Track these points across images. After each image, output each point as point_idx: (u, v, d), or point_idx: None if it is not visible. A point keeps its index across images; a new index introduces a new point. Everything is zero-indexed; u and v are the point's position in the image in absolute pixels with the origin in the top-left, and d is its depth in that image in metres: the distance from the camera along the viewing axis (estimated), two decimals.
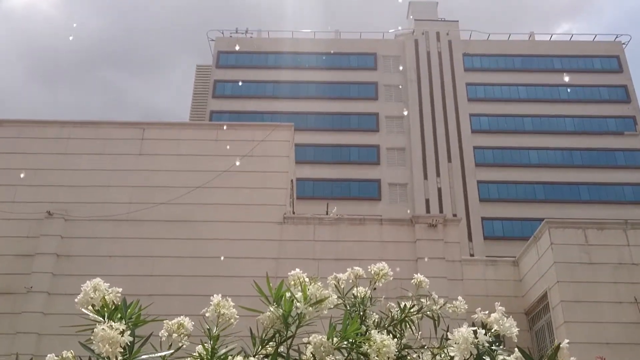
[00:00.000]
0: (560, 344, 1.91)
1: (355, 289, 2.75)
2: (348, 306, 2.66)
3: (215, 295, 2.21)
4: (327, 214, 17.57)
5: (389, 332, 2.48)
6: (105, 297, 1.96)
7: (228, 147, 15.58)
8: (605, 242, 14.36)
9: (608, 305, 13.50)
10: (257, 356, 2.09)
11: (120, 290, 2.01)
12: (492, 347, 1.98)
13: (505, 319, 2.05)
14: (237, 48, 44.18)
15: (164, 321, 2.14)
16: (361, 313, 2.65)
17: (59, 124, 16.39)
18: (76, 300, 1.98)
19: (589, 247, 14.27)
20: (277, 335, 2.10)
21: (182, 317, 2.16)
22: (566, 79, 43.54)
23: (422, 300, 2.74)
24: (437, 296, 2.74)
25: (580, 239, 14.42)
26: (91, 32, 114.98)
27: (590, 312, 13.41)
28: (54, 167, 15.28)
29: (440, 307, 2.72)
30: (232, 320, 2.22)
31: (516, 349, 1.91)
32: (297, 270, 2.16)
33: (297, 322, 2.00)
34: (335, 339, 2.10)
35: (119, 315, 1.93)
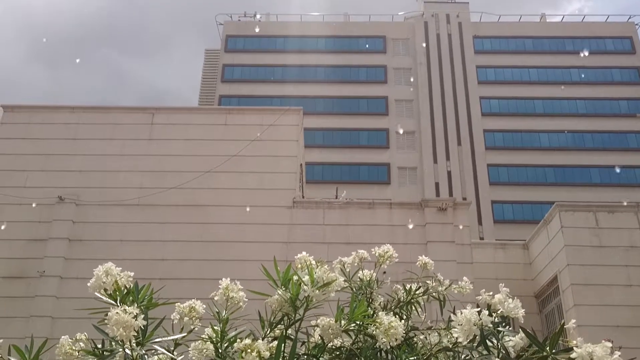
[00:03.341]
0: (563, 323, 1.92)
1: (361, 272, 2.78)
2: (354, 289, 2.68)
3: (224, 279, 2.24)
4: (336, 198, 17.60)
5: (395, 314, 2.50)
6: (117, 281, 1.99)
7: (237, 131, 15.60)
8: (616, 225, 14.29)
9: (618, 288, 13.48)
10: (266, 339, 2.13)
11: (132, 274, 2.04)
12: (498, 329, 2.00)
13: (509, 300, 2.07)
14: (245, 32, 44.01)
15: (176, 304, 2.17)
16: (368, 296, 2.67)
17: (68, 109, 16.47)
18: (89, 284, 2.02)
19: (599, 230, 14.21)
20: (286, 318, 2.13)
21: (193, 300, 2.19)
22: (578, 60, 43.04)
23: (428, 282, 2.76)
24: (442, 277, 2.77)
25: (590, 222, 14.36)
26: (94, 11, 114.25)
27: (601, 295, 13.39)
28: (64, 152, 15.38)
29: (446, 288, 2.75)
30: (240, 303, 2.25)
31: (520, 330, 1.93)
32: (304, 253, 2.19)
33: (305, 305, 2.03)
34: (342, 322, 2.13)
35: (131, 299, 1.96)
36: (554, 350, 1.78)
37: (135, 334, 1.80)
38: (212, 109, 25.89)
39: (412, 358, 2.40)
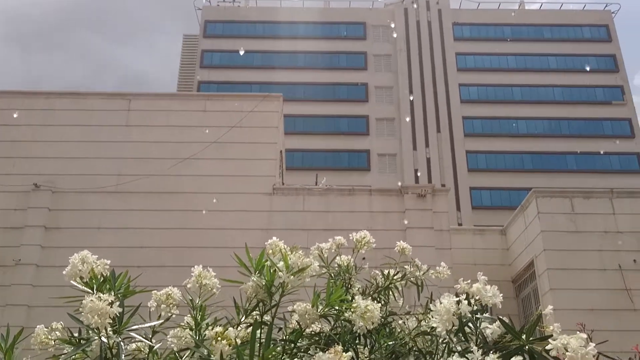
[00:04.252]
0: (540, 312, 1.95)
1: (339, 257, 2.79)
2: (332, 275, 2.70)
3: (196, 266, 2.24)
4: (316, 184, 17.61)
5: (373, 299, 2.52)
6: (94, 268, 1.97)
7: (216, 118, 15.49)
8: (591, 211, 14.53)
9: (593, 272, 13.74)
10: (241, 325, 2.13)
11: (108, 262, 2.02)
12: (476, 316, 2.02)
13: (488, 288, 2.09)
14: (224, 17, 43.55)
15: (153, 292, 2.16)
16: (346, 282, 2.69)
17: (44, 95, 16.18)
18: (64, 272, 1.99)
19: (575, 215, 14.44)
20: (261, 304, 2.13)
21: (170, 287, 2.19)
22: (556, 47, 43.44)
23: (406, 267, 2.78)
24: (420, 263, 2.79)
25: (567, 208, 14.58)
26: None
27: (576, 279, 13.64)
28: (40, 138, 15.14)
29: (424, 273, 2.77)
30: (214, 290, 2.25)
31: (497, 318, 1.95)
32: (275, 238, 2.19)
33: (281, 290, 2.03)
34: (319, 307, 2.14)
35: (108, 287, 1.95)
36: (530, 338, 1.80)
37: (111, 322, 1.79)
38: (190, 95, 25.66)
39: (391, 342, 2.42)
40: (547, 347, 1.75)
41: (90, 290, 1.91)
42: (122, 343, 1.87)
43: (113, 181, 14.57)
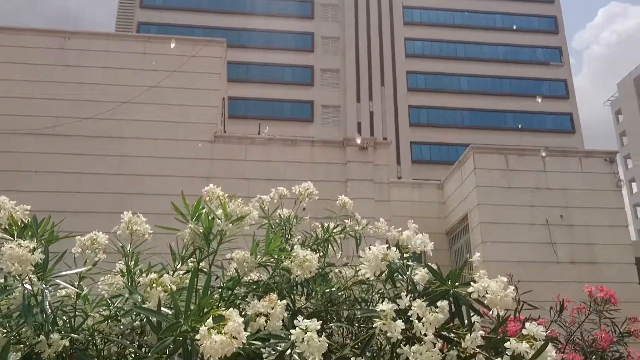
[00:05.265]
0: (467, 259, 2.02)
1: (280, 208, 2.78)
2: (273, 226, 2.69)
3: (126, 212, 2.17)
4: (259, 134, 17.45)
5: (312, 251, 2.54)
6: (13, 214, 1.88)
7: (156, 61, 14.96)
8: (524, 168, 15.09)
9: (522, 226, 14.38)
10: (177, 272, 2.10)
11: (28, 207, 1.93)
12: (407, 264, 2.07)
13: (417, 236, 2.14)
14: None
15: (77, 237, 2.09)
16: (286, 232, 2.69)
17: None
18: None
19: (509, 172, 14.96)
20: (198, 252, 2.11)
21: (94, 232, 2.12)
22: (501, 5, 43.93)
23: (346, 220, 2.81)
24: (360, 217, 2.82)
25: (502, 165, 15.08)
26: None
27: (506, 233, 14.25)
28: None
29: (363, 227, 2.81)
30: (145, 236, 2.20)
31: (425, 266, 2.00)
32: (211, 185, 2.15)
33: (219, 238, 2.01)
34: (258, 255, 2.14)
35: (30, 233, 1.86)
36: (456, 284, 1.87)
37: (34, 269, 1.72)
38: (129, 36, 24.57)
39: (327, 290, 2.46)
40: (469, 290, 1.82)
41: (10, 237, 1.82)
42: (47, 290, 1.81)
43: (50, 123, 13.94)
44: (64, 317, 2.07)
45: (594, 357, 3.22)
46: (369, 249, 2.01)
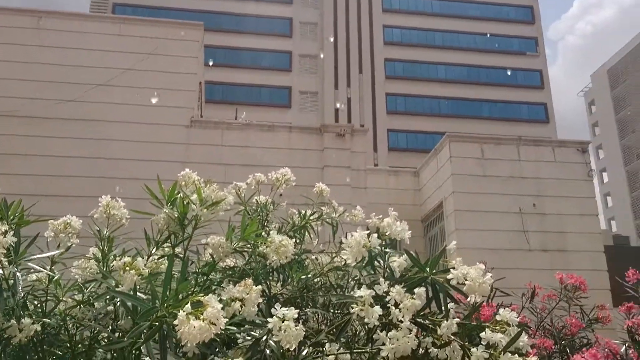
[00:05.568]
0: (444, 247, 2.04)
1: (257, 195, 2.77)
2: (250, 212, 2.68)
3: (104, 196, 2.15)
4: (236, 119, 17.33)
5: (289, 237, 2.54)
6: None
7: (131, 43, 14.72)
8: (499, 157, 15.27)
9: (496, 214, 14.57)
10: (152, 257, 2.08)
11: None
12: (386, 250, 2.08)
13: (397, 223, 2.15)
14: None
15: (49, 221, 2.06)
16: (263, 218, 2.68)
17: None
18: None
19: (484, 160, 15.13)
20: (173, 237, 2.09)
21: (68, 215, 2.09)
22: None
23: (323, 207, 2.81)
24: (337, 204, 2.83)
25: (477, 153, 15.23)
26: None
27: (480, 220, 14.44)
28: None
29: (339, 214, 2.82)
30: (123, 221, 2.18)
31: (405, 252, 2.02)
32: (187, 170, 2.13)
33: (194, 223, 1.99)
34: (234, 240, 2.13)
35: (0, 216, 1.83)
36: (434, 271, 1.89)
37: (5, 252, 1.69)
38: (104, 17, 24.09)
39: (303, 276, 2.47)
40: (448, 277, 1.85)
41: None
42: (19, 274, 1.78)
43: (23, 104, 13.63)
44: (35, 302, 2.05)
45: (563, 342, 3.30)
46: (351, 235, 2.02)
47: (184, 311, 1.49)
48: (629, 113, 54.64)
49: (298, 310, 1.78)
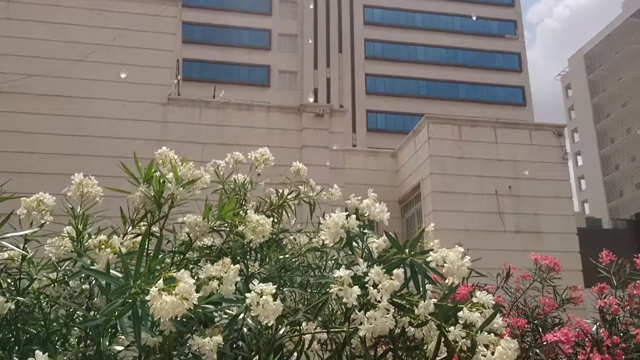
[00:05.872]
0: (423, 228, 2.05)
1: (235, 174, 2.75)
2: (227, 191, 2.66)
3: (76, 174, 2.11)
4: (214, 97, 17.15)
5: (267, 217, 2.53)
6: None
7: (107, 19, 14.41)
8: (476, 139, 15.39)
9: (472, 196, 14.73)
10: (128, 236, 2.06)
11: None
12: (364, 231, 2.08)
13: (376, 204, 2.15)
14: None
15: (22, 199, 2.02)
16: (241, 198, 2.67)
17: None
18: None
19: (462, 142, 15.23)
20: (149, 215, 2.07)
21: (41, 193, 2.05)
22: None
23: (300, 187, 2.80)
24: (314, 183, 2.82)
25: (455, 135, 15.32)
26: None
27: (456, 202, 14.58)
28: None
29: (317, 194, 2.81)
30: (97, 199, 2.15)
31: (384, 233, 2.03)
32: (164, 148, 2.10)
33: (170, 202, 1.97)
34: (211, 219, 2.11)
35: None
36: (412, 252, 1.90)
37: None
38: None
39: (281, 256, 2.47)
40: (428, 259, 1.86)
41: None
42: None
43: None
44: (9, 280, 2.02)
45: (536, 321, 3.36)
46: (329, 215, 2.02)
47: (156, 287, 1.48)
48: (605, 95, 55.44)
49: (276, 286, 1.78)
